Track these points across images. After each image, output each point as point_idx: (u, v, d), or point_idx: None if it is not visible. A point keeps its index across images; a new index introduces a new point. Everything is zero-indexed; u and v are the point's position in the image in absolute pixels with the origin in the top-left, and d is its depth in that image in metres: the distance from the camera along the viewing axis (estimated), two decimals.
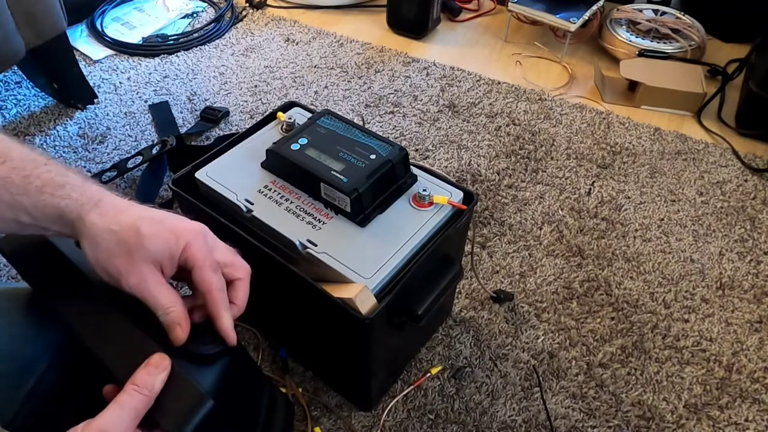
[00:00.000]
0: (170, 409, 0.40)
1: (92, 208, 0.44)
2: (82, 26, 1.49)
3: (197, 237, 0.47)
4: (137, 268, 0.43)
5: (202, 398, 0.40)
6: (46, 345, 0.50)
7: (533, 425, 0.77)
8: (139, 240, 0.43)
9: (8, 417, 0.47)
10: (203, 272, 0.46)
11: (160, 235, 0.45)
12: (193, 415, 0.39)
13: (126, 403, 0.38)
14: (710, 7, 1.46)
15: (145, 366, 0.40)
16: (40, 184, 0.44)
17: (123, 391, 0.38)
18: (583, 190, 1.10)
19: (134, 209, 0.46)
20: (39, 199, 0.43)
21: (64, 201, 0.44)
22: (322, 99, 1.29)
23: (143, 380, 0.39)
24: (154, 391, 0.39)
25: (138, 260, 0.43)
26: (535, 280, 0.94)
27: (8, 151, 0.44)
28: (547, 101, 1.29)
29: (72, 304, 0.46)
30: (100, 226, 0.44)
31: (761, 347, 0.86)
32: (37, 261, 0.49)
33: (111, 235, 0.43)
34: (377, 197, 0.66)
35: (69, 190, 0.44)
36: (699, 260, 0.98)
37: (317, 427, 0.76)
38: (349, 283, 0.60)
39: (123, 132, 1.20)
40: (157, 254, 0.44)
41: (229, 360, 0.46)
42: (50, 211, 0.44)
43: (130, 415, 0.37)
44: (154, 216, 0.46)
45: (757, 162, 1.16)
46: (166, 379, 0.40)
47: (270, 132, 0.76)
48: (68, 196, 0.44)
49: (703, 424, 0.78)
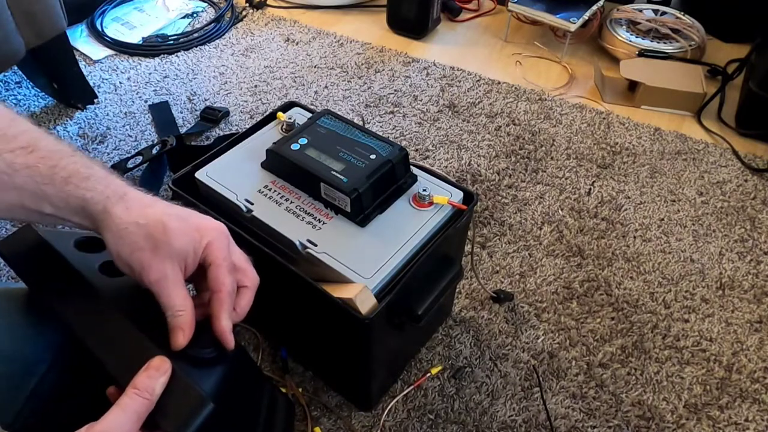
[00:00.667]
0: (171, 412, 0.40)
1: (118, 201, 0.45)
2: (82, 26, 1.49)
3: (220, 236, 0.47)
4: (160, 263, 0.43)
5: (203, 401, 0.40)
6: (46, 345, 0.50)
7: (533, 425, 0.78)
8: (166, 236, 0.44)
9: (10, 417, 0.47)
10: (219, 271, 0.46)
11: (186, 233, 0.45)
12: (194, 418, 0.40)
13: (128, 406, 0.38)
14: (710, 7, 1.46)
15: (146, 369, 0.40)
16: (66, 174, 0.44)
17: (124, 394, 0.38)
18: (583, 190, 1.10)
19: (159, 204, 0.46)
20: (64, 189, 0.44)
21: (90, 193, 0.44)
22: (322, 99, 1.29)
23: (144, 384, 0.39)
24: (155, 394, 0.39)
25: (162, 256, 0.43)
26: (535, 280, 0.94)
27: (36, 141, 0.44)
28: (547, 101, 1.29)
29: (72, 306, 0.46)
30: (127, 219, 0.44)
31: (761, 347, 0.86)
32: (37, 263, 0.49)
33: (138, 229, 0.44)
34: (377, 197, 0.66)
35: (94, 182, 0.45)
36: (699, 260, 0.98)
37: (317, 427, 0.76)
38: (349, 283, 0.60)
39: (123, 132, 1.20)
40: (182, 251, 0.44)
41: (229, 362, 0.46)
42: (74, 202, 0.44)
43: (132, 419, 0.38)
44: (180, 213, 0.46)
45: (757, 162, 1.16)
46: (166, 383, 0.40)
47: (270, 132, 0.76)
48: (93, 188, 0.44)
49: (703, 424, 0.78)
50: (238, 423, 0.47)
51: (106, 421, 0.37)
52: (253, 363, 0.62)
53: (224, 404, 0.43)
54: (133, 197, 0.46)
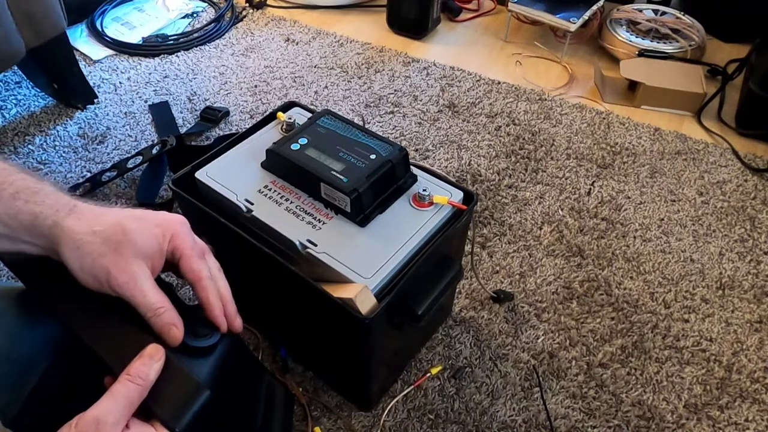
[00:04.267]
0: (166, 399, 0.40)
1: (68, 214, 0.43)
2: (82, 26, 1.49)
3: (182, 227, 0.47)
4: (126, 265, 0.42)
5: (199, 388, 0.40)
6: (47, 344, 0.50)
7: (533, 425, 0.77)
8: (126, 236, 0.43)
9: (11, 417, 0.47)
10: (191, 261, 0.45)
11: (147, 230, 0.44)
12: (189, 405, 0.39)
13: (119, 392, 0.38)
14: (710, 7, 1.46)
15: (140, 357, 0.40)
16: (13, 190, 0.43)
17: (117, 381, 0.38)
18: (583, 190, 1.10)
19: (112, 210, 0.45)
20: (13, 205, 0.43)
21: (39, 207, 0.43)
22: (322, 99, 1.29)
23: (137, 370, 0.39)
24: (148, 380, 0.39)
25: (127, 257, 0.42)
26: (535, 280, 0.94)
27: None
28: (547, 101, 1.29)
29: (68, 303, 0.46)
30: (80, 230, 0.43)
31: (761, 347, 0.86)
32: (33, 263, 0.49)
33: (94, 237, 0.42)
34: (377, 197, 0.66)
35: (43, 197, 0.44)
36: (699, 260, 0.98)
37: (317, 427, 0.76)
38: (349, 283, 0.60)
39: (123, 132, 1.20)
40: (146, 249, 0.44)
41: (225, 350, 0.46)
42: (24, 219, 0.43)
43: (123, 404, 0.37)
44: (135, 213, 0.46)
45: (757, 162, 1.16)
46: (160, 369, 0.40)
47: (270, 132, 0.76)
48: (42, 203, 0.43)
49: (703, 424, 0.78)
50: (235, 411, 0.46)
51: (96, 407, 0.37)
52: (250, 353, 0.62)
53: (221, 392, 0.43)
54: (83, 208, 0.45)
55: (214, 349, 0.45)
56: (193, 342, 0.44)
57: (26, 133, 1.18)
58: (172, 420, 0.39)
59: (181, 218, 0.48)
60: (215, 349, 0.45)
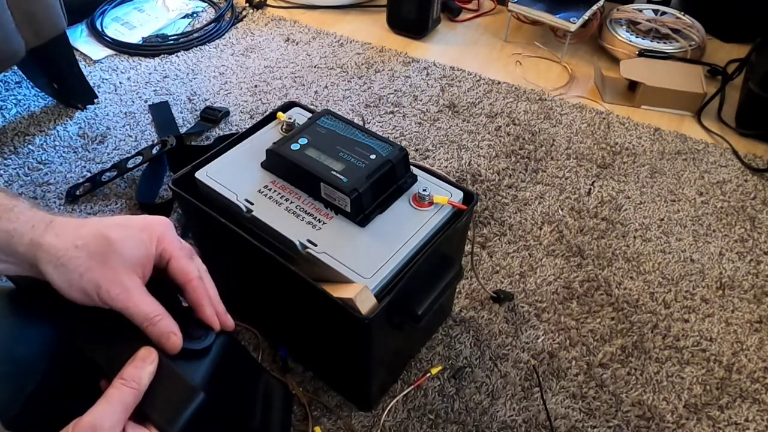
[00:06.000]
0: (161, 402, 0.40)
1: (45, 230, 0.42)
2: (82, 26, 1.49)
3: (167, 229, 0.46)
4: (116, 276, 0.41)
5: (193, 391, 0.40)
6: (47, 344, 0.50)
7: (533, 425, 0.77)
8: (112, 246, 0.41)
9: (11, 417, 0.47)
10: (180, 261, 0.45)
11: (132, 237, 0.43)
12: (184, 409, 0.39)
13: (113, 397, 0.38)
14: (710, 7, 1.46)
15: (132, 360, 0.40)
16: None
17: (111, 385, 0.38)
18: (583, 190, 1.10)
19: (91, 221, 0.44)
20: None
21: (13, 224, 0.41)
22: (322, 99, 1.29)
23: (131, 374, 0.39)
24: (142, 383, 0.39)
25: (116, 268, 0.41)
26: (535, 280, 0.94)
27: None
28: (547, 101, 1.29)
29: (63, 307, 0.46)
30: (62, 245, 0.41)
31: (761, 347, 0.86)
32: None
33: (78, 252, 0.41)
34: (377, 197, 0.66)
35: (18, 213, 0.42)
36: (699, 260, 0.98)
37: (317, 426, 0.76)
38: (349, 283, 0.60)
39: (123, 132, 1.20)
40: (134, 257, 0.43)
41: (220, 351, 0.46)
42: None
43: (119, 409, 0.37)
44: (117, 221, 0.44)
45: (757, 162, 1.16)
46: (154, 372, 0.40)
47: (270, 132, 0.76)
48: (17, 219, 0.42)
49: (703, 424, 0.78)
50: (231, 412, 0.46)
51: (92, 413, 0.37)
52: (246, 352, 0.62)
53: (216, 394, 0.42)
54: (61, 222, 0.43)
55: (209, 351, 0.45)
56: (188, 345, 0.44)
57: (26, 133, 1.18)
58: (166, 424, 0.39)
59: (164, 219, 0.47)
60: (210, 350, 0.45)
